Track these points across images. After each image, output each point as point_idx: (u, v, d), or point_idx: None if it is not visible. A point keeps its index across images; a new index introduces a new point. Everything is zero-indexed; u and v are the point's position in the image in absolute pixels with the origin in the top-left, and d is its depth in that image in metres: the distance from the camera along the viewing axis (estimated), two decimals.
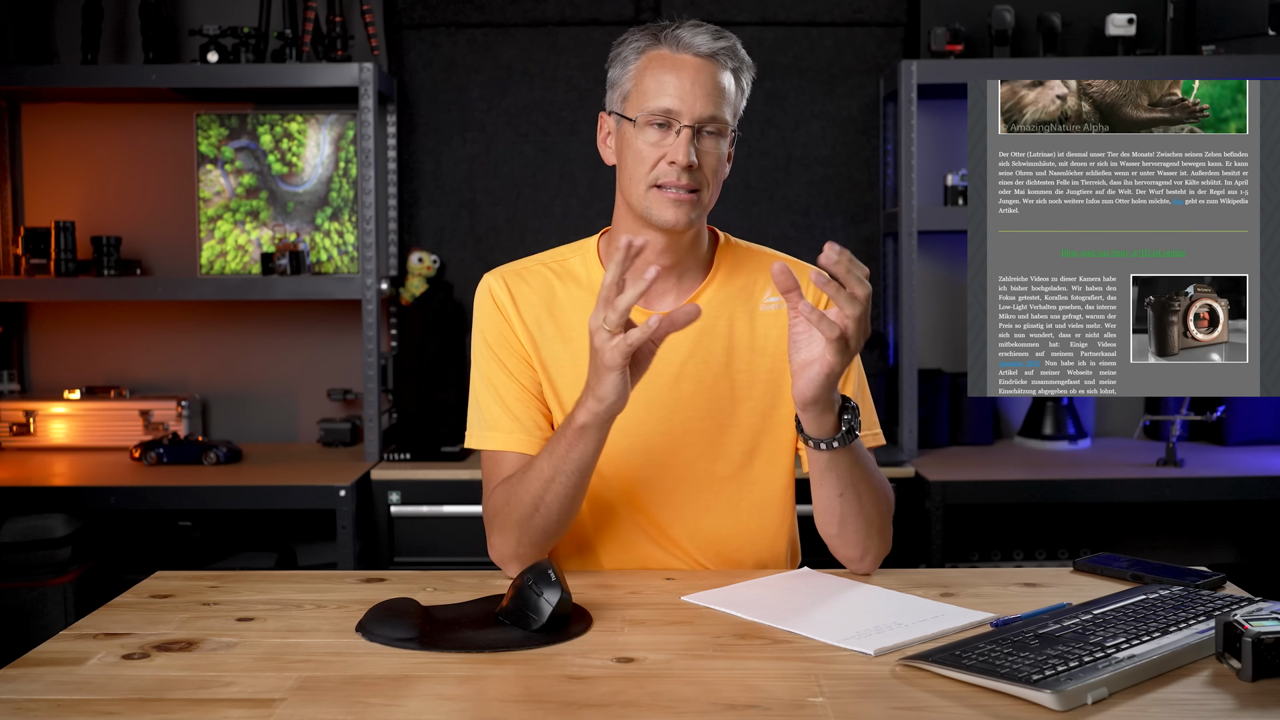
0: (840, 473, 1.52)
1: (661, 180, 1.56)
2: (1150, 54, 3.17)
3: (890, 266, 3.40)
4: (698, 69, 1.56)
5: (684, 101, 1.55)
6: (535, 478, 1.52)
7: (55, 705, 1.15)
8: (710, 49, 1.58)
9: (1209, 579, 1.52)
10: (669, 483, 1.65)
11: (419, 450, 3.06)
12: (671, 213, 1.57)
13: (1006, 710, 1.12)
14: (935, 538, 2.84)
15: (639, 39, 1.60)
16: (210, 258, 3.37)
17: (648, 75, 1.57)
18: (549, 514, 1.53)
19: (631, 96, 1.59)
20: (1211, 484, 2.90)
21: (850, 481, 1.53)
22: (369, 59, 3.28)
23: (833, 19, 3.40)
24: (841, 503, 1.54)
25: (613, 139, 1.65)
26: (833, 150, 3.42)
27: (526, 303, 1.66)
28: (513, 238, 3.41)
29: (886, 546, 1.61)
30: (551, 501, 1.52)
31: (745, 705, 1.14)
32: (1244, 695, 1.15)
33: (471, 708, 1.15)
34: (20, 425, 3.26)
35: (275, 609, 1.46)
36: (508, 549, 1.58)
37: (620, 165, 1.63)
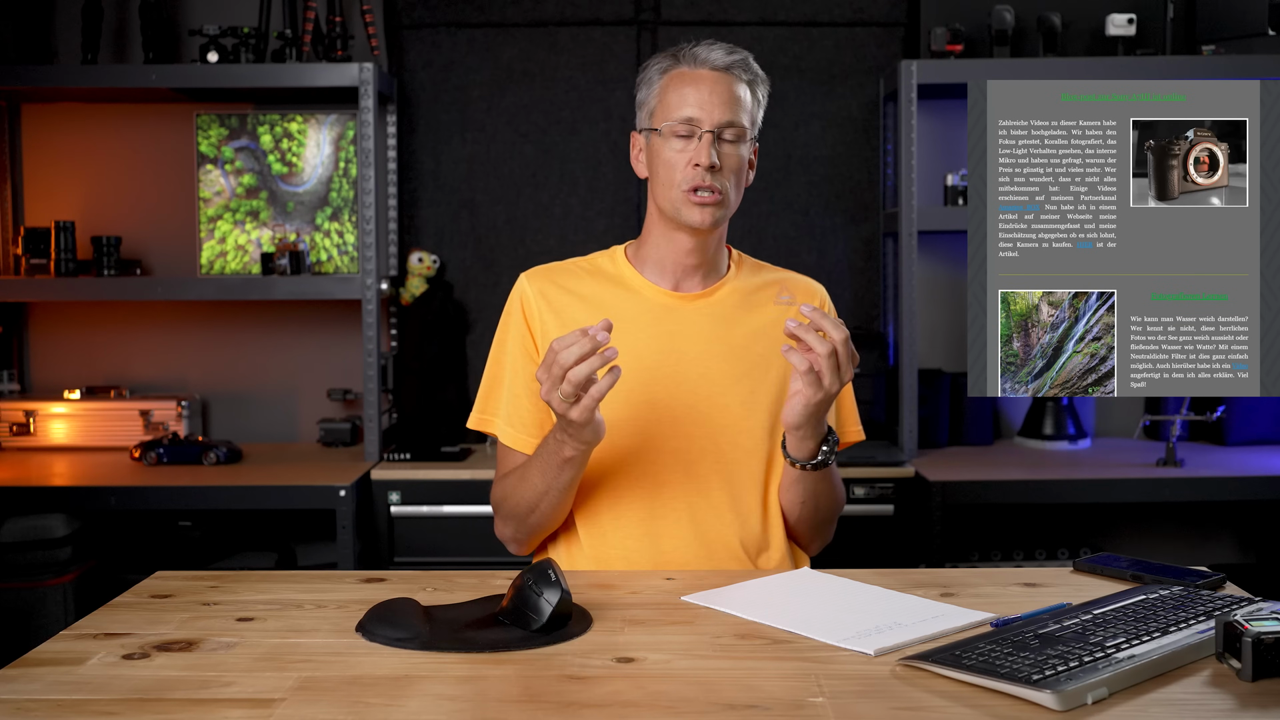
0: (806, 487, 1.72)
1: (690, 184, 1.70)
2: (1150, 54, 3.17)
3: (890, 266, 3.39)
4: (714, 80, 1.72)
5: (703, 109, 1.70)
6: (530, 489, 1.68)
7: (55, 705, 1.15)
8: (725, 62, 1.73)
9: (1209, 579, 1.52)
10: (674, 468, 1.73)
11: (419, 450, 3.06)
12: (698, 214, 1.71)
13: (1006, 710, 1.12)
14: (935, 538, 2.84)
15: (661, 61, 1.77)
16: (210, 258, 3.37)
17: (670, 91, 1.73)
18: (542, 517, 1.71)
19: (657, 112, 1.75)
20: (1211, 484, 2.90)
21: (813, 494, 1.73)
22: (369, 59, 3.28)
23: (833, 19, 3.40)
24: (801, 509, 1.75)
25: (644, 154, 1.79)
26: (833, 150, 3.42)
27: (554, 300, 1.78)
28: (513, 238, 3.42)
29: (829, 538, 1.84)
30: (545, 509, 1.69)
31: (745, 705, 1.14)
32: (1244, 695, 1.15)
33: (471, 708, 1.15)
34: (20, 425, 3.26)
35: (275, 609, 1.46)
36: (508, 533, 1.77)
37: (652, 175, 1.77)
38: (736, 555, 1.72)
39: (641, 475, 1.72)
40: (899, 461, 2.98)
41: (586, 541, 1.73)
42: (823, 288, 1.87)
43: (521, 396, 1.75)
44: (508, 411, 1.76)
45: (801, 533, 1.78)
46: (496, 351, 1.80)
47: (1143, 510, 3.41)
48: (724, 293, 1.80)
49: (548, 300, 1.77)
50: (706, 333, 1.76)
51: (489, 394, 1.79)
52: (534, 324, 1.77)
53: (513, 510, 1.71)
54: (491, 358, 1.81)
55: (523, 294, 1.79)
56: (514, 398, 1.76)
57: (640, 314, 1.76)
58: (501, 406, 1.76)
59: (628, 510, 1.72)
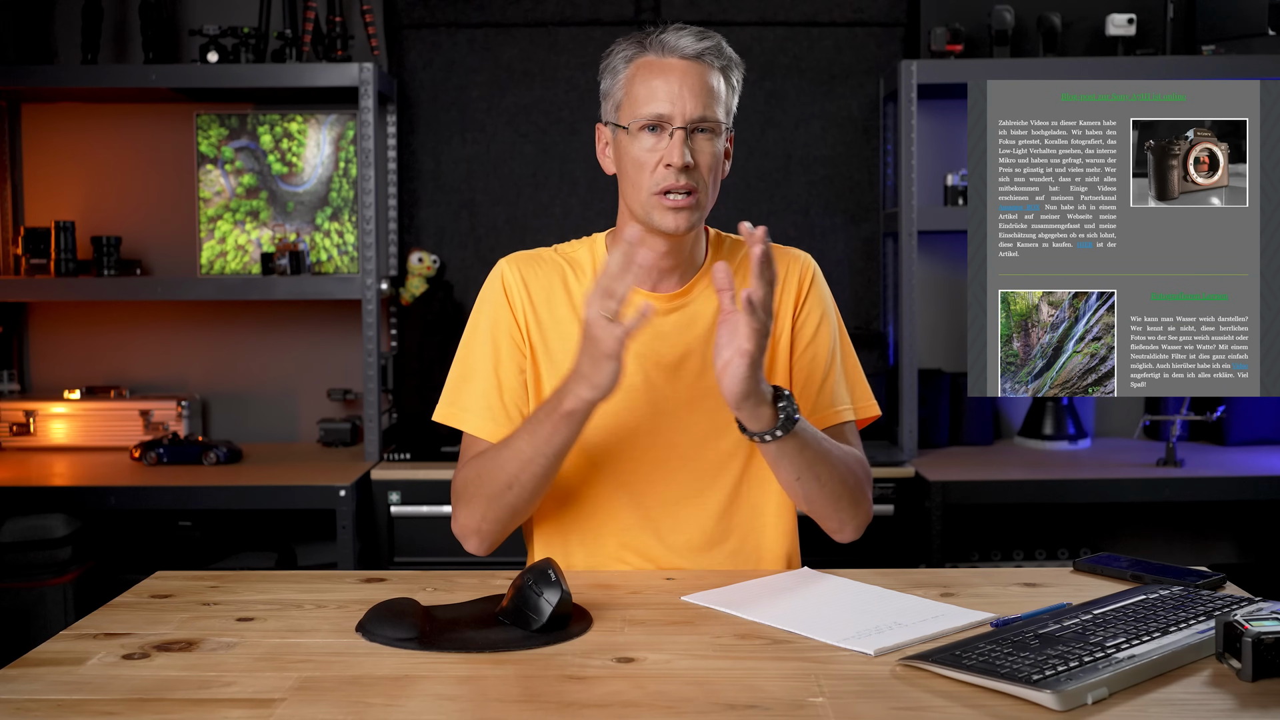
0: (791, 459, 1.55)
1: (661, 186, 1.58)
2: (1150, 54, 3.17)
3: (890, 266, 3.39)
4: (685, 71, 1.59)
5: (674, 104, 1.57)
6: (512, 457, 1.55)
7: (55, 705, 1.15)
8: (696, 50, 1.60)
9: (1209, 579, 1.52)
10: (664, 469, 1.67)
11: (419, 450, 3.06)
12: (672, 219, 1.59)
13: (1006, 710, 1.12)
14: (935, 538, 2.84)
15: (626, 48, 1.63)
16: (210, 258, 3.37)
17: (637, 82, 1.60)
18: (521, 493, 1.57)
19: (624, 105, 1.62)
20: (1211, 484, 2.90)
21: (805, 465, 1.55)
22: (369, 59, 3.28)
23: (833, 19, 3.40)
24: (801, 486, 1.58)
25: (610, 149, 1.67)
26: (833, 150, 3.42)
27: (538, 288, 1.69)
28: (513, 238, 3.41)
29: (865, 515, 1.66)
30: (526, 481, 1.56)
31: (745, 705, 1.14)
32: (1244, 695, 1.15)
33: (471, 708, 1.15)
34: (20, 425, 3.26)
35: (275, 609, 1.46)
36: (471, 522, 1.61)
37: (621, 174, 1.65)
38: (734, 557, 1.70)
39: (625, 479, 1.67)
40: (899, 461, 2.98)
41: (575, 547, 1.70)
42: (809, 258, 1.74)
43: (499, 387, 1.66)
44: (483, 405, 1.66)
45: (820, 514, 1.64)
46: (469, 340, 1.70)
47: (1143, 510, 3.41)
48: (701, 286, 1.69)
49: (529, 291, 1.68)
50: (685, 333, 1.67)
51: (460, 386, 1.69)
52: (518, 311, 1.67)
53: (483, 489, 1.58)
54: (463, 347, 1.70)
55: (505, 280, 1.69)
56: (489, 389, 1.66)
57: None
58: (475, 399, 1.67)
59: (610, 515, 1.67)
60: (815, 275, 1.74)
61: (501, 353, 1.68)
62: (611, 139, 1.66)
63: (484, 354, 1.68)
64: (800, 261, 1.73)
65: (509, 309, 1.68)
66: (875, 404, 1.75)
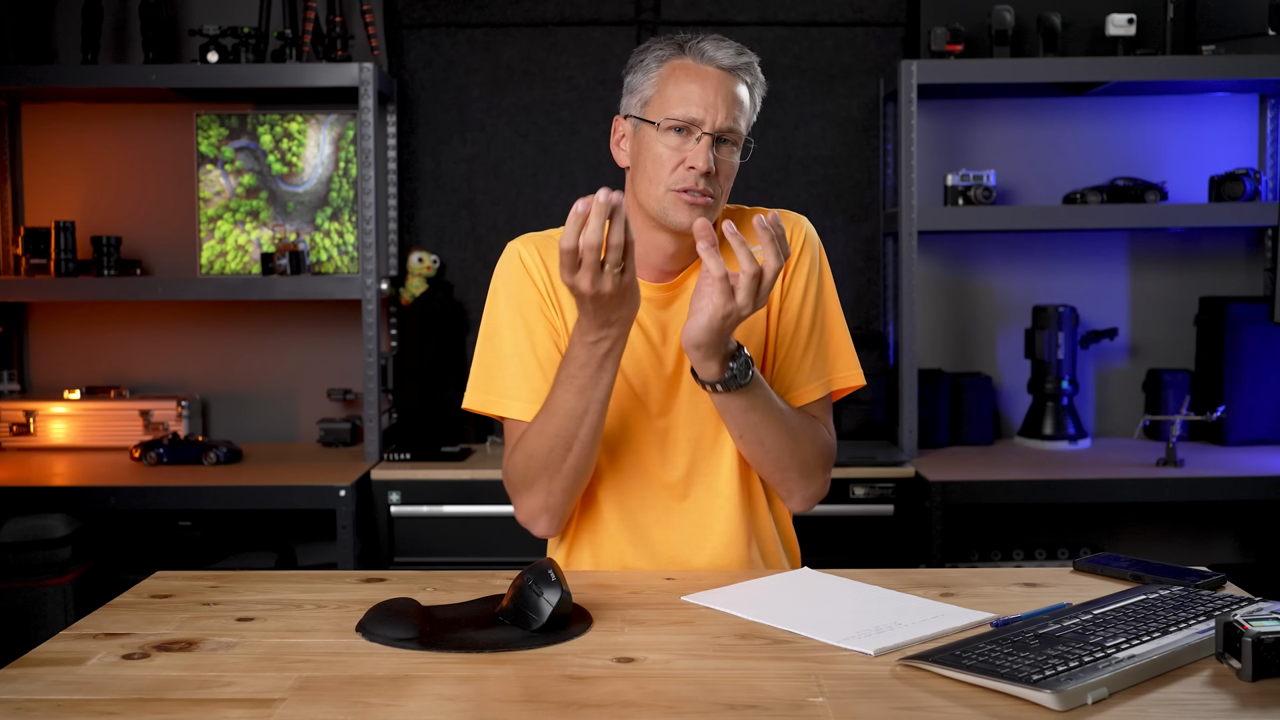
0: (734, 416, 1.59)
1: (680, 185, 1.59)
2: (1150, 54, 3.17)
3: (890, 266, 3.40)
4: (720, 81, 1.61)
5: (707, 111, 1.59)
6: (566, 417, 1.55)
7: (55, 705, 1.15)
8: (733, 63, 1.63)
9: (1209, 579, 1.52)
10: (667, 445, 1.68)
11: (419, 450, 3.06)
12: (688, 215, 1.59)
13: (1006, 710, 1.12)
14: (935, 538, 2.84)
15: (662, 48, 1.65)
16: (210, 258, 3.37)
17: (670, 83, 1.62)
18: (582, 451, 1.57)
19: (653, 102, 1.63)
20: (1211, 484, 2.90)
21: (747, 425, 1.60)
22: (369, 59, 3.28)
23: (833, 19, 3.40)
24: (744, 444, 1.63)
25: (627, 142, 1.68)
26: (833, 150, 3.42)
27: (556, 265, 1.66)
28: (512, 238, 3.39)
29: (817, 489, 1.69)
30: (585, 436, 1.56)
31: (745, 705, 1.14)
32: (1244, 695, 1.15)
33: (471, 708, 1.15)
34: (20, 425, 3.26)
35: (275, 609, 1.46)
36: (538, 501, 1.62)
37: (637, 168, 1.65)
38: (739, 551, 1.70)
39: (631, 468, 1.68)
40: (899, 461, 2.98)
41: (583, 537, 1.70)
42: (805, 220, 1.75)
43: (540, 366, 1.64)
44: (525, 388, 1.64)
45: (766, 477, 1.68)
46: (494, 324, 1.68)
47: (1143, 510, 3.41)
48: (697, 276, 1.66)
49: (548, 268, 1.67)
50: (681, 319, 1.65)
51: (492, 373, 1.66)
52: (541, 286, 1.66)
53: (545, 462, 1.57)
54: (488, 332, 1.68)
55: (523, 258, 1.68)
56: (530, 371, 1.64)
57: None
58: (515, 384, 1.64)
59: (620, 504, 1.68)
60: (806, 240, 1.73)
61: (535, 331, 1.66)
62: (631, 133, 1.67)
63: (515, 336, 1.66)
64: (791, 224, 1.73)
65: (533, 285, 1.67)
66: (859, 373, 1.75)
